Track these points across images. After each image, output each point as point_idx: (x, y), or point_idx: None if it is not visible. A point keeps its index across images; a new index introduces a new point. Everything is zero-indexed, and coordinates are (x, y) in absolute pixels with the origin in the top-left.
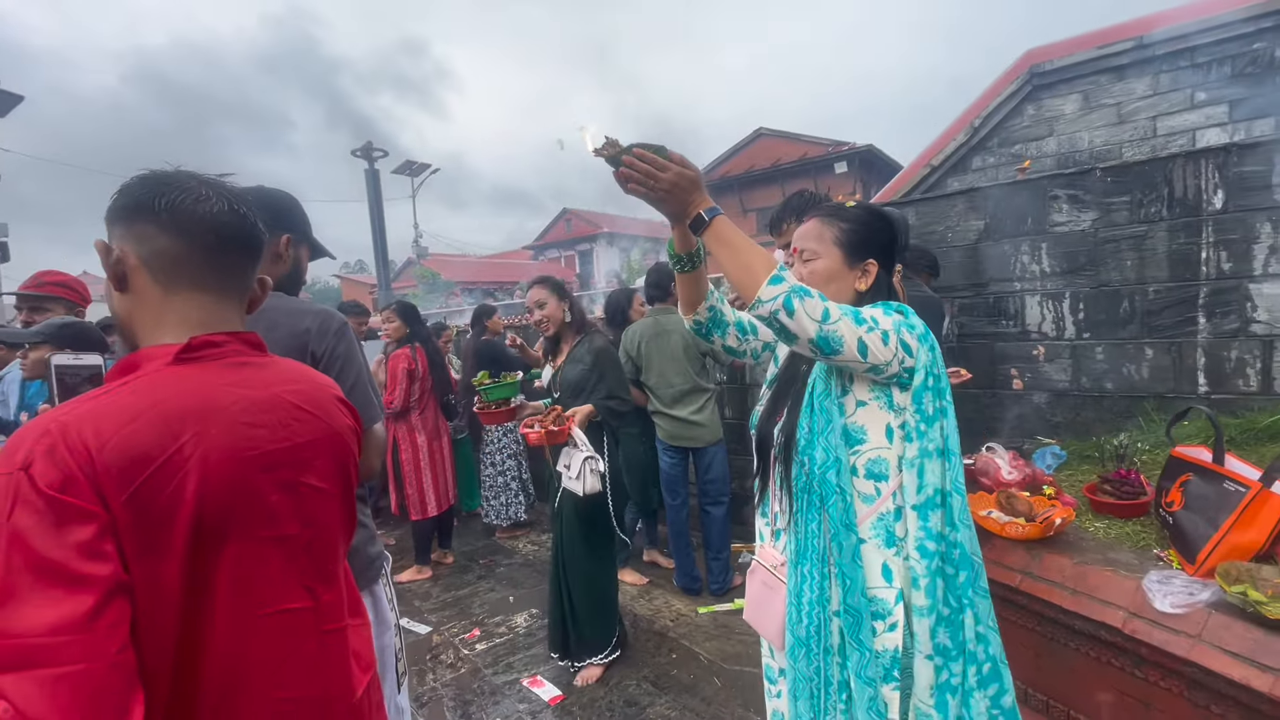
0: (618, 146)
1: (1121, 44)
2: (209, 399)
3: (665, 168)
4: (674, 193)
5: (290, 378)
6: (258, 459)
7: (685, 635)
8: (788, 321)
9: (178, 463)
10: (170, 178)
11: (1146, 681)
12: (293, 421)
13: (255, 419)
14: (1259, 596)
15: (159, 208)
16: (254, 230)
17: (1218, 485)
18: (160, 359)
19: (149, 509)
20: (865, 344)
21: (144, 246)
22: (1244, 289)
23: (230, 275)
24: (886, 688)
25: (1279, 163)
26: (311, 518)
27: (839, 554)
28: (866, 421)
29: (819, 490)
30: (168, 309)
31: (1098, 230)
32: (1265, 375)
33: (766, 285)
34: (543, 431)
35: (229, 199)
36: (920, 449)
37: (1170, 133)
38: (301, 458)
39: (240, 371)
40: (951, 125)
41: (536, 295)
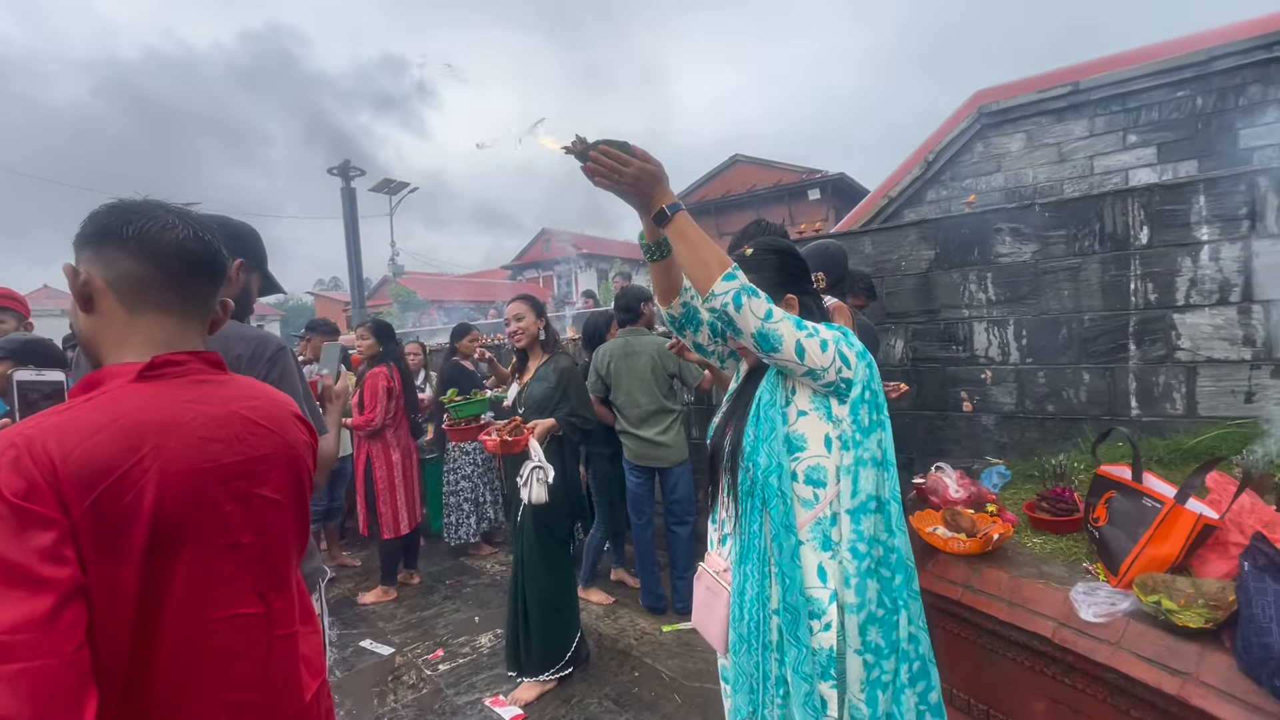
0: (585, 143)
1: (1059, 89)
2: (168, 415)
3: (628, 163)
4: (638, 186)
5: (247, 394)
6: (213, 471)
7: (648, 653)
8: (734, 315)
9: (136, 474)
10: (138, 206)
11: (1075, 689)
12: (249, 436)
13: (212, 434)
14: (1171, 605)
15: (127, 234)
16: (217, 256)
17: (1137, 502)
18: (123, 376)
19: (108, 517)
20: (803, 346)
21: (111, 270)
22: (1169, 318)
23: (193, 298)
24: (824, 685)
25: (1195, 202)
26: (265, 527)
27: (779, 554)
28: (806, 430)
29: (761, 494)
30: (132, 329)
31: (1038, 262)
32: (1189, 399)
33: (720, 280)
34: (499, 440)
35: (194, 226)
36: (855, 457)
37: (1106, 171)
38: (256, 470)
39: (199, 389)
40: (908, 159)
41: (516, 309)
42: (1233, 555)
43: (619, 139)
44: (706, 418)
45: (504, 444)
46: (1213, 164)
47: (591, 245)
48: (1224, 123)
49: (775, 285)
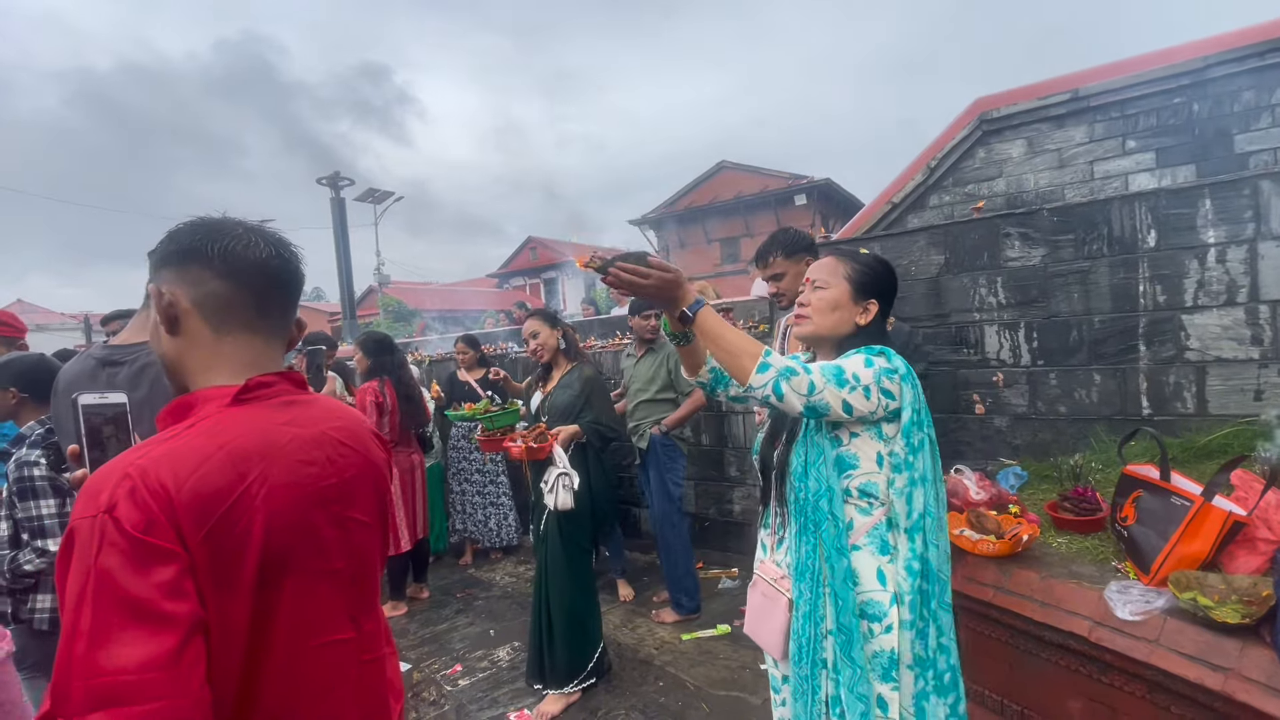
0: (603, 260)
1: (1059, 96)
2: (268, 439)
3: (647, 275)
4: (660, 293)
5: (332, 414)
6: (313, 495)
7: (671, 663)
8: (778, 404)
9: (246, 502)
10: (219, 224)
11: (1112, 686)
12: (339, 457)
13: (308, 456)
14: (1207, 602)
15: (212, 253)
16: (298, 273)
17: (1165, 500)
18: (218, 400)
19: (222, 547)
20: (849, 403)
21: (196, 290)
22: (1177, 319)
23: (276, 317)
24: (885, 687)
25: (1201, 206)
26: (357, 550)
27: (832, 576)
28: (859, 449)
29: (812, 516)
30: (220, 351)
31: (1047, 265)
32: (1200, 398)
33: (755, 374)
34: (524, 446)
35: (274, 243)
36: (909, 479)
37: (1106, 176)
38: (348, 492)
39: (290, 410)
40: (910, 166)
41: (531, 326)
42: (1261, 551)
43: (636, 252)
44: (718, 422)
45: (529, 450)
46: (1210, 169)
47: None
48: (1220, 128)
49: (868, 285)
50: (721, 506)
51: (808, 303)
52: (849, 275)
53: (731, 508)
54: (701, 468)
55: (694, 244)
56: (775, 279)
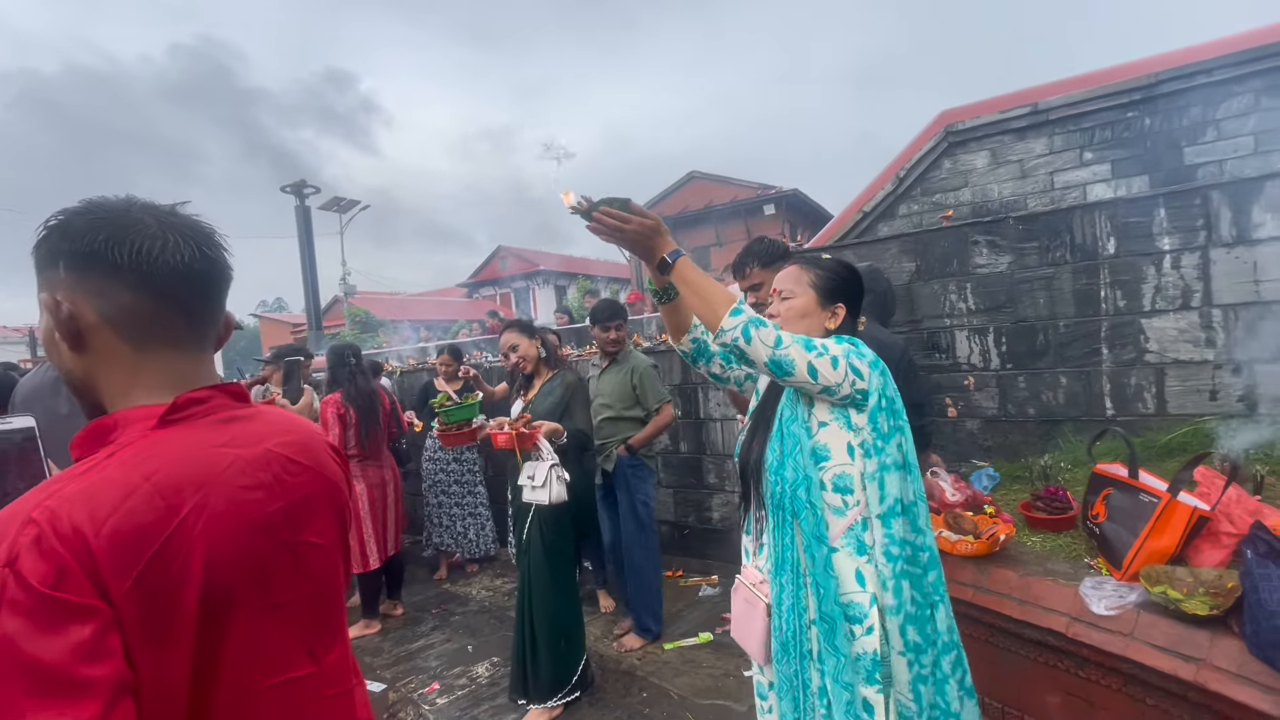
0: (590, 203)
1: (1020, 109)
2: (204, 464)
3: (628, 220)
4: (640, 240)
5: (280, 429)
6: (258, 522)
7: (654, 673)
8: (745, 347)
9: (181, 538)
10: (123, 219)
11: (1089, 680)
12: (287, 477)
13: (252, 479)
14: (1177, 595)
15: (121, 260)
16: (225, 272)
17: (1134, 497)
18: (142, 423)
19: (154, 594)
20: (814, 366)
21: (105, 303)
22: (1137, 323)
23: (206, 326)
24: (870, 689)
25: (1156, 215)
26: (311, 575)
27: (812, 565)
28: (829, 440)
29: (790, 506)
30: (141, 369)
31: (1014, 272)
32: (1159, 398)
33: (728, 317)
34: (513, 433)
35: (196, 240)
36: (880, 464)
37: (1065, 186)
38: (299, 515)
39: (229, 428)
40: (880, 175)
41: (509, 339)
42: (1224, 544)
43: (620, 197)
44: (696, 430)
45: (520, 436)
46: (1161, 180)
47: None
48: (1170, 141)
49: (834, 290)
50: (701, 514)
51: (777, 313)
52: (813, 282)
53: (710, 515)
54: (680, 475)
55: None
56: (754, 289)
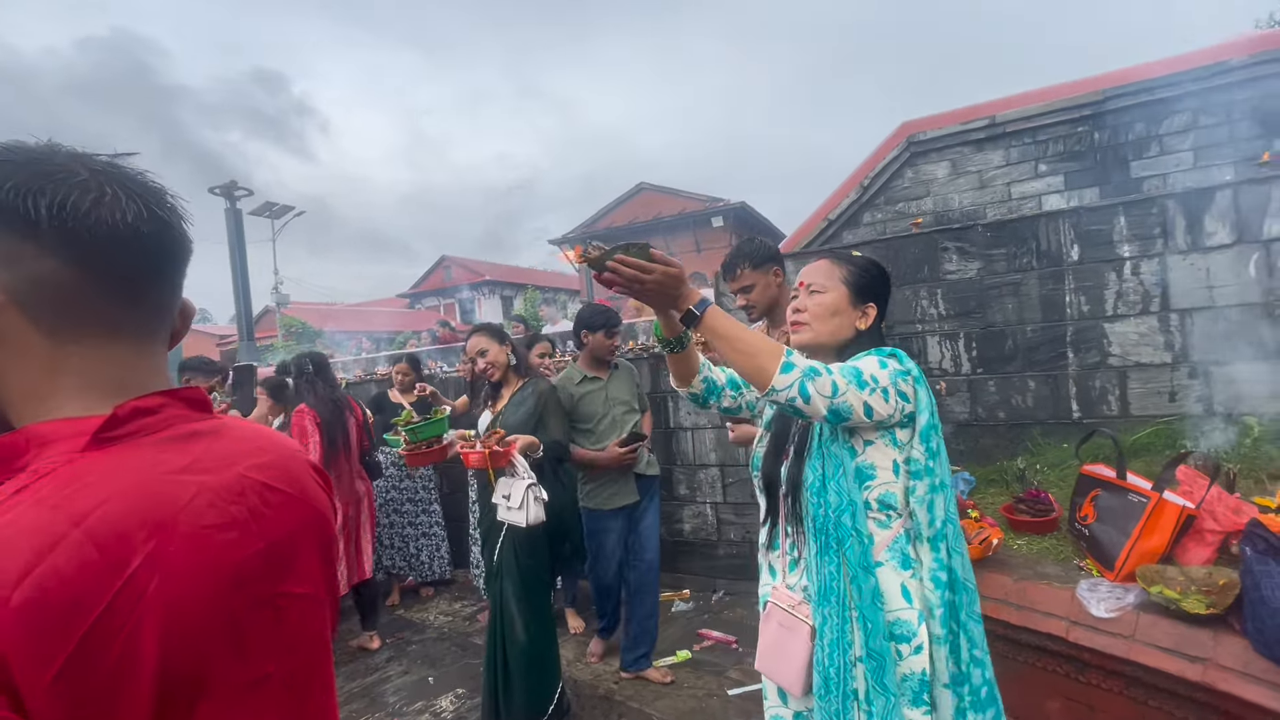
0: (601, 251)
1: (978, 122)
2: (158, 499)
3: (650, 270)
4: (662, 291)
5: (252, 447)
6: (230, 575)
7: (633, 696)
8: (804, 406)
9: (127, 606)
10: (42, 164)
11: (1089, 685)
12: (266, 511)
13: (222, 516)
14: (1174, 594)
15: (37, 213)
16: (183, 242)
17: (1123, 498)
18: (67, 442)
19: (88, 689)
20: (870, 406)
21: (11, 274)
22: (1100, 328)
23: (155, 310)
24: (917, 712)
25: (1116, 223)
26: (294, 639)
27: (859, 597)
28: (875, 459)
29: (835, 534)
30: (62, 366)
31: (983, 278)
32: (1123, 400)
33: (779, 374)
34: (486, 451)
35: (142, 195)
36: (929, 485)
37: (1022, 197)
38: (280, 559)
39: (189, 448)
40: (844, 184)
41: (478, 343)
42: (1209, 542)
43: (638, 243)
44: (665, 440)
45: (492, 455)
46: (1110, 191)
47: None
48: (1118, 155)
49: (866, 287)
50: (671, 526)
51: (804, 308)
52: (845, 278)
53: (682, 527)
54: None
55: None
56: (744, 291)
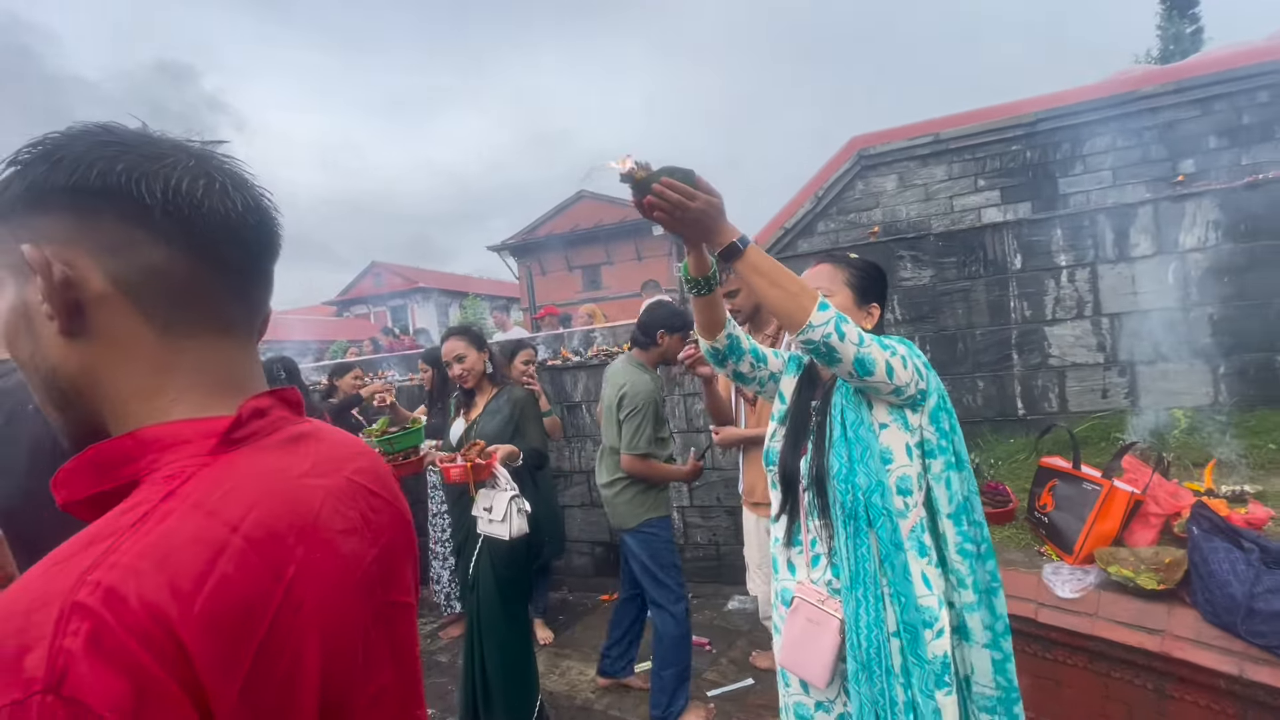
0: (647, 171)
1: (924, 138)
2: (298, 504)
3: (694, 196)
4: (702, 220)
5: (350, 451)
6: (360, 583)
7: (612, 704)
8: (838, 344)
9: (289, 615)
10: (147, 147)
11: (1056, 662)
12: (373, 516)
13: (346, 524)
14: (1129, 573)
15: (151, 199)
16: (280, 236)
17: (1079, 486)
18: (195, 444)
19: (265, 699)
20: (891, 366)
21: (122, 263)
22: (1041, 331)
23: (257, 307)
24: (940, 693)
25: (1054, 234)
26: (400, 651)
27: (891, 574)
28: (890, 442)
29: (866, 515)
30: (174, 364)
31: (935, 285)
32: (1062, 398)
33: (816, 311)
34: (468, 465)
35: (245, 186)
36: (945, 463)
37: (964, 210)
38: (388, 567)
39: (304, 450)
40: (799, 194)
41: (455, 348)
42: (1153, 524)
43: (682, 167)
44: None
45: (475, 468)
46: (1041, 206)
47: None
48: (1047, 173)
49: (868, 288)
50: None
51: None
52: (849, 280)
53: None
54: None
55: (555, 270)
56: (730, 295)
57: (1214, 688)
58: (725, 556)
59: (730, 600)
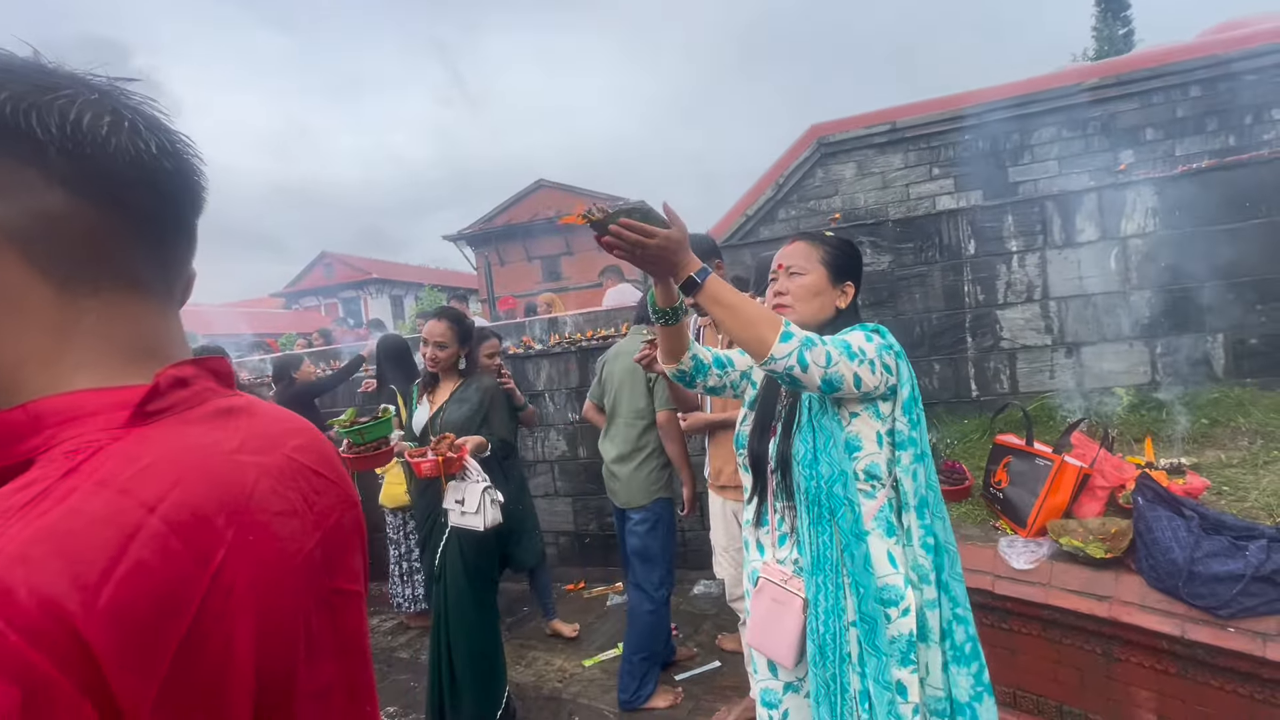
0: (605, 214)
1: (881, 126)
2: (227, 482)
3: (653, 234)
4: (662, 257)
5: (288, 427)
6: (301, 567)
7: (580, 693)
8: (801, 375)
9: (218, 605)
10: (42, 78)
11: (1011, 631)
12: (316, 497)
13: (284, 504)
14: (1079, 543)
15: (45, 133)
16: (203, 186)
17: (1032, 463)
18: (105, 416)
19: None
20: (859, 376)
21: (11, 206)
22: (993, 315)
23: (177, 265)
24: (905, 671)
25: (1005, 220)
26: (347, 641)
27: (851, 564)
28: (860, 430)
29: (828, 504)
30: (75, 326)
31: (894, 270)
32: (1013, 379)
33: (779, 343)
34: (438, 459)
35: (160, 128)
36: (914, 455)
37: (919, 197)
38: (332, 552)
39: (232, 425)
40: (760, 181)
41: (437, 333)
42: (1099, 496)
43: (642, 206)
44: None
45: (446, 462)
46: (991, 194)
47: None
48: (998, 162)
49: (843, 267)
50: (602, 521)
51: (786, 290)
52: (823, 259)
53: (613, 521)
54: (578, 482)
55: (514, 261)
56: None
57: (1157, 649)
58: (691, 542)
59: (696, 585)
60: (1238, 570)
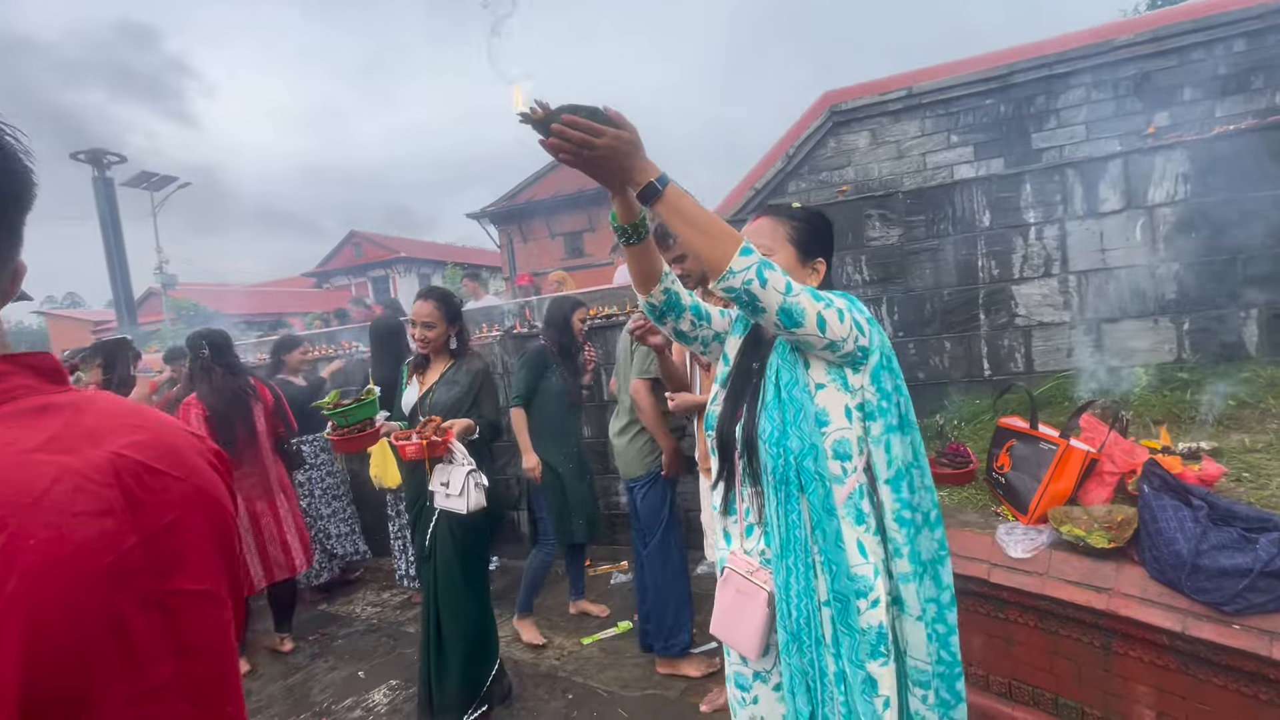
0: (546, 110)
1: (896, 92)
2: (9, 484)
3: (601, 133)
4: (612, 159)
5: (125, 423)
6: (107, 568)
7: (576, 671)
8: (759, 292)
9: None
10: None
11: (1008, 621)
12: (145, 495)
13: (93, 504)
14: (1080, 532)
15: None
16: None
17: (1036, 446)
18: None
19: None
20: (824, 318)
21: None
22: (1009, 290)
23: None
24: (875, 664)
25: (1023, 190)
26: (190, 643)
27: (823, 541)
28: (827, 403)
29: (798, 480)
30: None
31: (904, 244)
32: (1028, 358)
33: (738, 256)
34: (423, 443)
35: None
36: (885, 425)
37: (936, 166)
38: (166, 551)
39: (41, 423)
40: (769, 153)
41: (425, 313)
42: (1108, 483)
43: (587, 105)
44: (599, 413)
45: (431, 445)
46: (1013, 161)
47: (409, 248)
48: (1020, 127)
49: (811, 242)
50: (607, 499)
51: None
52: (790, 236)
53: (618, 500)
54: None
55: (537, 238)
56: (679, 260)
57: (1158, 644)
58: (695, 521)
59: (700, 565)
60: (1245, 564)
